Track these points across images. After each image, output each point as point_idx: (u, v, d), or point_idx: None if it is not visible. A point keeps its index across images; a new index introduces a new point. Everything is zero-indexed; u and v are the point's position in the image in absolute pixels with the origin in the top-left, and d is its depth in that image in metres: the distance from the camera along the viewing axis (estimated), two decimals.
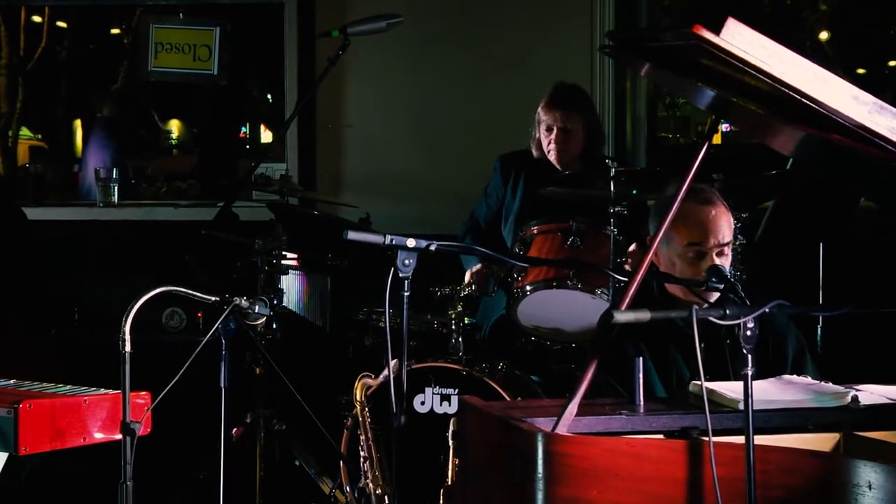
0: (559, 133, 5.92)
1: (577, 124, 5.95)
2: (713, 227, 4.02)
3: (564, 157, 5.94)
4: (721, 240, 4.03)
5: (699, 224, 4.02)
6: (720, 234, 4.02)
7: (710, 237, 4.01)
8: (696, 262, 4.00)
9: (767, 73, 2.89)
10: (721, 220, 4.04)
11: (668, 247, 4.07)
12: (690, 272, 4.02)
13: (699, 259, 4.00)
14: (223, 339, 4.08)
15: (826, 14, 9.52)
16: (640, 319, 3.20)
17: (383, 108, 7.19)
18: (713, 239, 4.01)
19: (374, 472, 4.45)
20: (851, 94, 2.95)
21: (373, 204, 6.43)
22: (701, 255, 4.01)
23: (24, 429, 3.46)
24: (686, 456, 3.02)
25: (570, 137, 5.93)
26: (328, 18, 6.95)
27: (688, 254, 4.03)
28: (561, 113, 5.92)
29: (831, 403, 3.41)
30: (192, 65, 7.63)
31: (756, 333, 3.05)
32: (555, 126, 5.92)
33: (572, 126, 5.93)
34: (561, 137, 5.92)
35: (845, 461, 2.96)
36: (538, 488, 3.03)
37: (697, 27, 2.85)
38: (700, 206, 4.04)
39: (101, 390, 3.69)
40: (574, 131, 5.94)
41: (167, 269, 3.89)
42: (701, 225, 4.02)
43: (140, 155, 9.32)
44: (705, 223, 4.02)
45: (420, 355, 5.15)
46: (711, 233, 4.01)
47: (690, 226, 4.02)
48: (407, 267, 3.96)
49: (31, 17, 9.15)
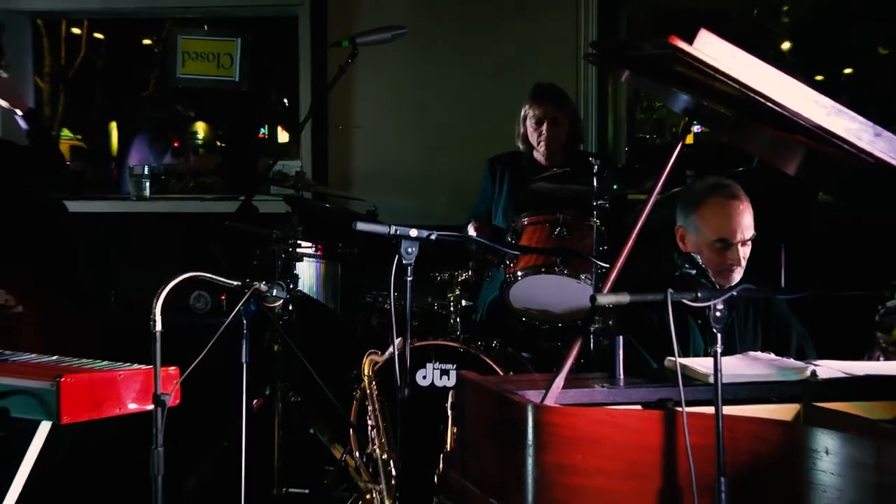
0: (549, 124, 5.92)
1: (564, 117, 5.96)
2: (740, 222, 4.06)
3: (552, 148, 5.95)
4: (745, 235, 4.07)
5: (727, 219, 4.07)
6: (745, 230, 4.07)
7: (737, 233, 4.05)
8: (723, 252, 4.06)
9: (735, 79, 2.89)
10: (747, 217, 4.08)
11: (697, 235, 4.10)
12: (717, 261, 4.09)
13: (725, 250, 4.04)
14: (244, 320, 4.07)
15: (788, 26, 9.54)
16: (619, 302, 3.20)
17: (388, 111, 7.18)
18: (739, 234, 4.05)
19: (380, 439, 4.45)
20: (811, 98, 2.94)
21: (379, 197, 6.43)
22: (726, 247, 4.05)
23: (65, 400, 3.46)
24: (662, 425, 3.02)
25: (558, 129, 5.94)
26: (338, 30, 6.94)
27: (716, 245, 4.06)
28: (551, 105, 5.93)
29: (792, 377, 3.42)
30: (215, 72, 7.63)
31: (725, 315, 3.06)
32: (545, 118, 5.92)
33: (560, 118, 5.94)
34: (550, 129, 5.92)
35: (805, 429, 2.96)
36: (528, 454, 3.03)
37: (673, 38, 2.85)
38: (728, 201, 4.07)
39: (134, 365, 3.69)
40: (562, 123, 5.95)
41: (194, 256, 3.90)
42: (729, 220, 4.06)
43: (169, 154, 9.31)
44: (732, 218, 4.07)
45: (422, 334, 5.15)
46: (739, 229, 4.05)
47: (719, 220, 4.06)
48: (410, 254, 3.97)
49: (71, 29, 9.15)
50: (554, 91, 6.00)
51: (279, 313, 5.44)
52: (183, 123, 9.88)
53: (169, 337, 3.54)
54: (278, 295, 3.97)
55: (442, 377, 5.14)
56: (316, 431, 5.40)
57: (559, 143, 5.97)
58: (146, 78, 9.44)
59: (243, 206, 5.61)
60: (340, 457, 5.11)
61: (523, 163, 6.07)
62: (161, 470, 3.54)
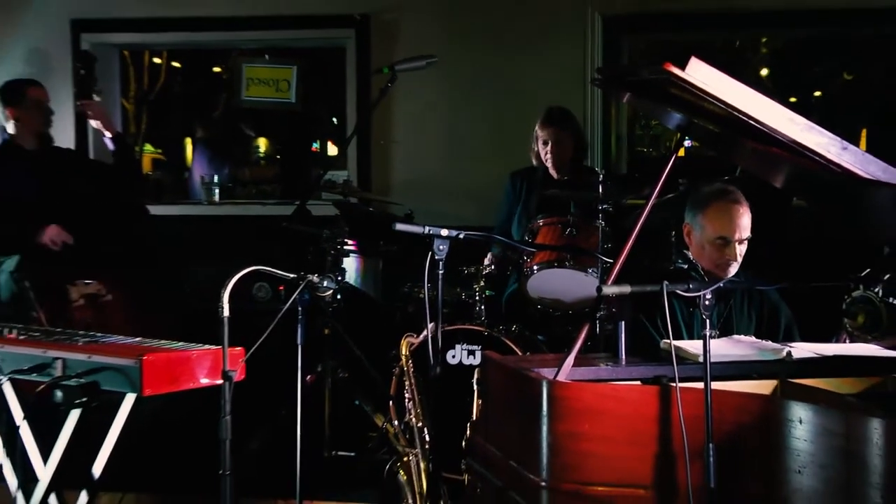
0: (553, 145, 5.92)
1: (567, 138, 5.94)
2: (739, 224, 4.05)
3: (558, 163, 5.94)
4: (742, 235, 4.06)
5: (728, 220, 4.04)
6: (743, 231, 4.06)
7: (735, 232, 4.03)
8: (722, 248, 4.05)
9: (722, 100, 2.88)
10: (745, 219, 4.07)
11: (701, 233, 4.09)
12: (717, 255, 4.07)
13: (725, 246, 4.03)
14: (299, 307, 4.07)
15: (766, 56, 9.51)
16: (622, 292, 3.20)
17: (422, 128, 7.17)
18: (738, 234, 4.04)
19: (416, 409, 4.44)
20: (787, 117, 2.93)
21: (415, 202, 6.42)
22: (726, 244, 4.03)
23: (146, 376, 3.47)
24: (658, 398, 3.01)
25: (562, 148, 5.93)
26: (380, 58, 6.94)
27: (716, 242, 4.05)
28: (554, 129, 5.92)
29: (771, 357, 3.41)
30: (275, 95, 7.63)
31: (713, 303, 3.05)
32: (550, 140, 5.92)
33: (564, 139, 5.92)
34: (555, 149, 5.92)
35: (782, 402, 2.95)
36: (543, 423, 3.03)
37: (668, 64, 2.84)
38: (729, 204, 4.06)
39: (205, 346, 3.69)
40: (565, 143, 5.93)
41: (256, 252, 3.89)
42: (730, 221, 4.04)
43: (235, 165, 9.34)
44: (733, 220, 4.05)
45: (451, 319, 5.14)
46: (737, 228, 4.04)
47: (721, 221, 4.04)
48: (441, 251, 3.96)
49: (153, 58, 9.17)
50: (559, 115, 5.98)
51: (329, 302, 5.44)
52: (247, 139, 9.91)
53: (235, 322, 3.55)
54: (328, 286, 3.97)
55: (469, 357, 5.13)
56: (360, 403, 5.40)
57: (565, 158, 5.95)
58: (216, 100, 9.45)
59: (298, 210, 5.61)
60: (381, 425, 5.11)
61: (538, 176, 6.06)
62: (228, 435, 3.54)
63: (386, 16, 7.18)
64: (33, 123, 5.88)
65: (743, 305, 4.18)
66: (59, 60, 7.22)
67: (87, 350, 3.63)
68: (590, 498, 3.01)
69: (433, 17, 7.09)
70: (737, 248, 4.06)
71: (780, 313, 4.18)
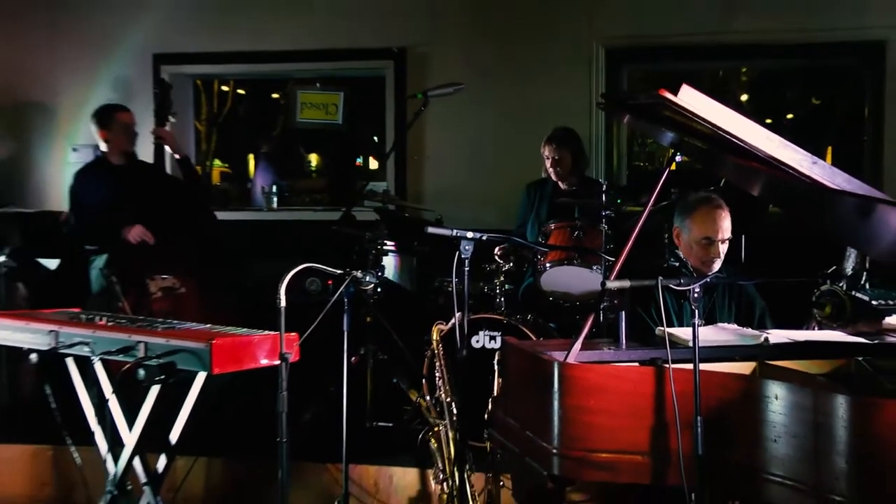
0: (552, 162, 5.93)
1: (564, 154, 5.92)
2: (721, 226, 4.03)
3: (559, 175, 5.94)
4: (724, 235, 4.03)
5: (712, 223, 4.02)
6: (725, 232, 4.03)
7: (718, 233, 4.01)
8: (708, 247, 4.02)
9: (708, 121, 2.87)
10: (726, 221, 4.05)
11: (689, 234, 4.07)
12: (703, 254, 4.04)
13: (709, 245, 4.01)
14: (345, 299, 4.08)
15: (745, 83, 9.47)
16: (622, 286, 3.20)
17: (450, 145, 7.16)
18: (720, 234, 4.02)
19: (445, 386, 4.44)
20: (764, 136, 2.92)
21: (443, 208, 6.42)
22: (711, 243, 4.01)
23: (215, 357, 3.48)
24: (653, 377, 3.00)
25: (560, 163, 5.92)
26: (414, 85, 6.94)
27: (702, 242, 4.03)
28: (553, 147, 5.92)
29: (751, 342, 3.39)
30: (324, 117, 7.63)
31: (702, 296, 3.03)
32: (551, 156, 5.93)
33: (560, 155, 5.91)
34: (555, 163, 5.92)
35: (760, 381, 2.93)
36: (554, 398, 3.02)
37: (662, 90, 2.83)
38: (713, 210, 4.04)
39: (265, 332, 3.70)
40: (563, 158, 5.92)
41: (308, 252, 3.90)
42: (713, 224, 4.02)
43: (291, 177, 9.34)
44: (716, 222, 4.03)
45: (475, 309, 5.13)
46: (720, 230, 4.02)
47: (706, 224, 4.02)
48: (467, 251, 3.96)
49: (221, 86, 9.19)
50: (560, 135, 5.97)
51: (370, 294, 5.44)
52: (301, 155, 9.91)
53: (290, 311, 3.56)
54: (370, 280, 3.97)
55: (490, 341, 5.12)
56: (397, 381, 5.40)
57: (564, 171, 5.94)
58: (275, 122, 9.46)
59: (345, 215, 5.61)
60: (415, 399, 5.11)
61: (549, 186, 6.05)
62: (285, 408, 3.55)
63: (419, 49, 7.18)
64: (120, 144, 5.92)
65: (724, 298, 4.16)
66: (141, 88, 7.25)
67: (164, 335, 3.64)
68: (595, 463, 3.01)
69: (460, 50, 7.08)
70: (720, 246, 4.04)
71: (755, 304, 4.17)
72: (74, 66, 7.46)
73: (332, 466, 4.91)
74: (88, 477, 4.83)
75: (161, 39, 7.41)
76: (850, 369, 3.32)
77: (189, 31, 7.39)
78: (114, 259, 5.61)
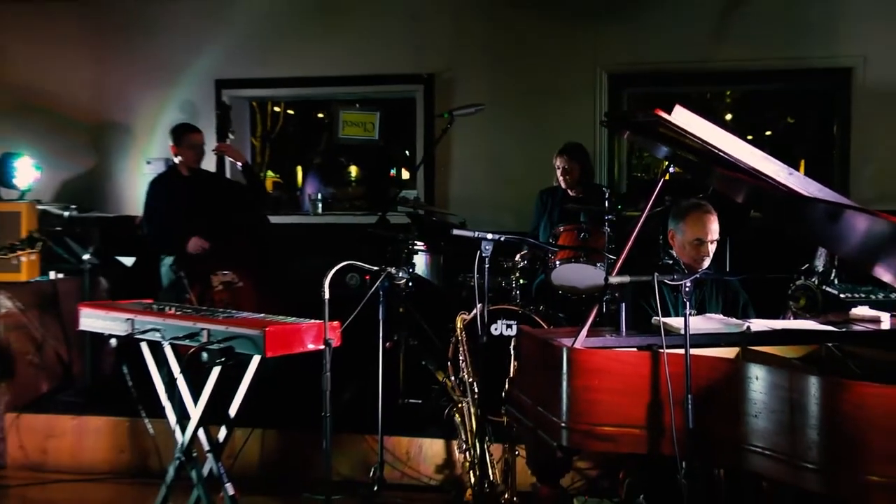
0: (562, 172, 5.91)
1: (574, 165, 5.91)
2: (710, 228, 3.99)
3: (569, 184, 5.92)
4: (713, 237, 4.00)
5: (703, 226, 3.98)
6: (713, 233, 4.00)
7: (708, 235, 3.98)
8: (698, 247, 3.99)
9: (699, 137, 2.87)
10: (715, 225, 4.01)
11: (682, 236, 4.04)
12: (694, 253, 4.00)
13: (700, 246, 3.98)
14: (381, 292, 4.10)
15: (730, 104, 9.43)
16: (623, 281, 3.20)
17: (473, 158, 7.14)
18: (710, 236, 3.99)
19: (468, 368, 4.45)
20: (747, 150, 2.92)
21: (467, 213, 6.43)
22: (701, 244, 3.99)
23: (268, 342, 3.50)
24: (650, 361, 3.00)
25: (570, 173, 5.90)
26: (441, 105, 6.93)
27: (693, 243, 4.00)
28: (564, 158, 5.91)
29: (735, 330, 3.38)
30: (363, 134, 7.64)
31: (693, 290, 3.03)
32: (561, 166, 5.92)
33: (570, 166, 5.89)
34: (565, 173, 5.91)
35: (743, 363, 2.92)
36: (563, 379, 3.03)
37: (658, 110, 2.83)
38: (703, 214, 4.02)
39: (311, 320, 3.71)
40: (573, 169, 5.90)
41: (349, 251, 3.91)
42: (703, 227, 3.98)
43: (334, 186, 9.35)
44: (706, 225, 3.99)
45: (494, 301, 5.13)
46: (709, 232, 3.99)
47: (697, 227, 4.00)
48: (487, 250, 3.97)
49: (274, 107, 9.22)
50: (570, 149, 5.96)
51: (403, 287, 5.45)
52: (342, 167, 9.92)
53: (332, 302, 3.58)
54: (403, 276, 4.00)
55: (507, 329, 5.12)
56: (426, 363, 5.41)
57: (574, 180, 5.92)
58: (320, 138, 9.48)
59: (380, 219, 5.63)
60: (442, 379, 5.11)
61: (559, 194, 6.04)
62: (328, 387, 3.57)
63: (446, 75, 7.18)
64: (189, 160, 5.96)
65: (713, 291, 4.14)
66: (204, 108, 7.30)
67: (225, 323, 3.66)
68: (598, 435, 3.01)
69: (481, 76, 7.08)
70: (709, 247, 4.02)
71: (739, 297, 4.13)
72: (146, 89, 7.51)
73: (369, 437, 4.92)
74: (160, 445, 4.89)
75: (222, 67, 7.45)
76: (822, 354, 3.31)
77: (246, 59, 7.42)
78: (181, 258, 5.66)
